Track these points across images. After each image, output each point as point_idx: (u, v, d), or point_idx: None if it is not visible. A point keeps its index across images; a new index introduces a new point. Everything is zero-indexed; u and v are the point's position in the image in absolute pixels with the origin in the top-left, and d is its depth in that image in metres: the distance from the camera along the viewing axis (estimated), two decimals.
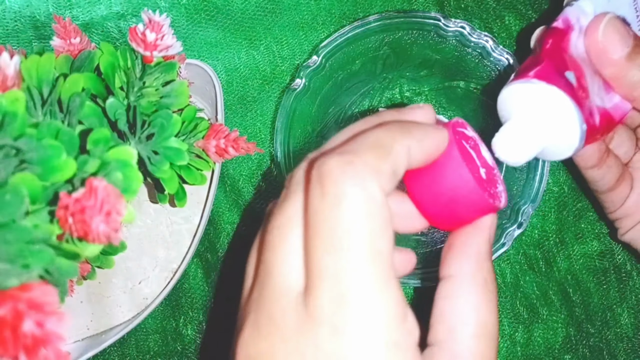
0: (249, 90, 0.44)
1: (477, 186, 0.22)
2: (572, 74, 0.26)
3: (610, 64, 0.27)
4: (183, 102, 0.32)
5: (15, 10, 0.43)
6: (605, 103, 0.28)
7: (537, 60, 0.27)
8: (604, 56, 0.27)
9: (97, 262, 0.34)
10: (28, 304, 0.20)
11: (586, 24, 0.28)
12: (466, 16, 0.44)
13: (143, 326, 0.43)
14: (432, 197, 0.23)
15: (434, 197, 0.23)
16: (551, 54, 0.27)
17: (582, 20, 0.28)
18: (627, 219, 0.34)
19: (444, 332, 0.21)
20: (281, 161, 0.39)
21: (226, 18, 0.44)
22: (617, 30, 0.27)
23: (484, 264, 0.22)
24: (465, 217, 0.23)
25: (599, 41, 0.27)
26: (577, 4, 0.28)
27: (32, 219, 0.23)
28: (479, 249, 0.22)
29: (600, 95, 0.28)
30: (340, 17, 0.44)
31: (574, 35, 0.28)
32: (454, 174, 0.22)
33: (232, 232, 0.43)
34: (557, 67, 0.26)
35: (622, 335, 0.42)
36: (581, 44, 0.28)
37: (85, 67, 0.30)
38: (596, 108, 0.27)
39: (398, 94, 0.44)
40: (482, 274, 0.22)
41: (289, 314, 0.19)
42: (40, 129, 0.24)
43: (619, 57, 0.27)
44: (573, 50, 0.27)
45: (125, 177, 0.25)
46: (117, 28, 0.43)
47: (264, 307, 0.20)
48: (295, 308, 0.19)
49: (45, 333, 0.19)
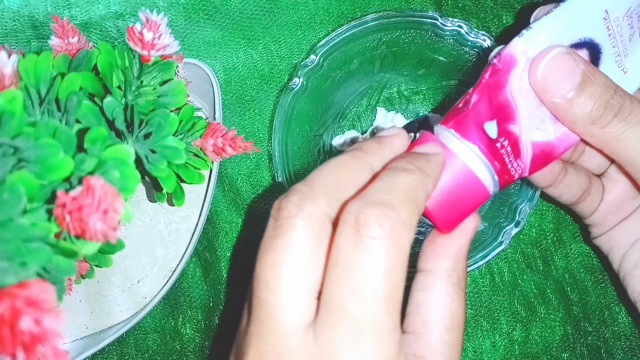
0: (247, 90, 0.44)
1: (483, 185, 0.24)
2: (494, 124, 0.25)
3: (552, 103, 0.26)
4: (181, 101, 0.32)
5: (14, 10, 0.43)
6: (550, 135, 0.27)
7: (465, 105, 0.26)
8: (545, 93, 0.26)
9: (95, 261, 0.34)
10: (25, 301, 0.20)
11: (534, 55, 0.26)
12: (464, 15, 0.44)
13: (142, 325, 0.43)
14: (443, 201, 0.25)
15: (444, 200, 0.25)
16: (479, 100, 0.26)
17: (530, 52, 0.26)
18: (596, 227, 0.35)
19: (420, 324, 0.23)
20: (279, 161, 0.39)
21: (224, 17, 0.44)
22: (562, 69, 0.25)
23: (460, 264, 0.24)
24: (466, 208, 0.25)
25: (539, 82, 0.25)
26: (528, 34, 0.26)
27: (30, 217, 0.23)
28: (459, 249, 0.25)
29: (544, 126, 0.27)
30: (338, 17, 0.44)
31: (517, 70, 0.26)
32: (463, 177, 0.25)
33: (231, 231, 0.44)
34: (478, 119, 0.25)
35: (620, 334, 0.42)
36: (526, 77, 0.26)
37: (83, 67, 0.30)
38: (531, 145, 0.27)
39: (396, 93, 0.44)
40: (458, 273, 0.24)
41: (297, 351, 0.20)
42: (38, 127, 0.24)
43: (561, 99, 0.26)
44: (515, 87, 0.26)
45: (122, 176, 0.25)
46: (116, 28, 0.43)
47: (266, 344, 0.21)
48: (304, 345, 0.20)
49: (43, 330, 0.19)
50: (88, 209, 0.22)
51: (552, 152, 0.27)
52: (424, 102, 0.44)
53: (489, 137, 0.25)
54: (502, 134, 0.26)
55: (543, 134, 0.27)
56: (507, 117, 0.26)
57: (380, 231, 0.20)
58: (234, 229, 0.44)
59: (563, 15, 0.26)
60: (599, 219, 0.34)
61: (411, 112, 0.44)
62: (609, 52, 0.28)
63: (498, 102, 0.26)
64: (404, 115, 0.44)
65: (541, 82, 0.26)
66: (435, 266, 0.24)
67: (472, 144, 0.25)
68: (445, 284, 0.24)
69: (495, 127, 0.26)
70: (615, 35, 0.27)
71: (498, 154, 0.26)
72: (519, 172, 0.27)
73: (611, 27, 0.27)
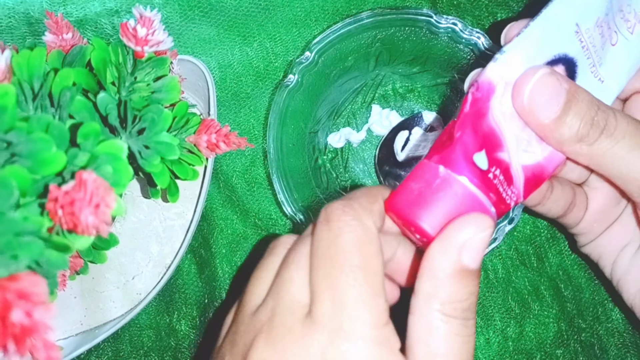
0: (243, 87, 0.44)
1: None
2: (483, 154, 0.25)
3: (539, 125, 0.26)
4: (174, 97, 0.32)
5: (9, 7, 0.43)
6: (538, 155, 0.27)
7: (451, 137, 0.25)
8: (530, 117, 0.25)
9: (89, 257, 0.35)
10: (16, 294, 0.20)
11: (513, 79, 0.25)
12: (459, 13, 0.44)
13: (137, 321, 0.43)
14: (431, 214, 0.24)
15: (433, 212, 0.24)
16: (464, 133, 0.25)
17: (507, 76, 0.25)
18: (583, 236, 0.34)
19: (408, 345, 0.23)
20: (274, 157, 0.39)
21: (220, 14, 0.44)
22: (547, 90, 0.25)
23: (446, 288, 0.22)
24: None
25: (525, 106, 0.25)
26: (502, 58, 0.25)
27: (22, 211, 0.23)
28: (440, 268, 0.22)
29: (531, 148, 0.26)
30: (334, 14, 0.44)
31: (497, 96, 0.25)
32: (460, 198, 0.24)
33: (226, 227, 0.44)
34: (466, 151, 0.25)
35: (614, 330, 0.42)
36: (507, 101, 0.26)
37: (77, 62, 0.30)
38: (522, 169, 0.26)
39: (391, 90, 0.44)
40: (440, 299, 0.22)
41: (297, 324, 0.22)
42: (31, 122, 0.25)
43: (548, 121, 0.25)
44: (497, 113, 0.25)
45: (115, 171, 0.25)
46: (111, 24, 0.43)
47: (279, 320, 0.23)
48: (303, 319, 0.22)
49: (34, 323, 0.20)
50: (80, 203, 0.22)
51: (542, 173, 0.27)
52: (419, 100, 0.44)
53: (480, 169, 0.25)
54: (492, 163, 0.25)
55: (531, 156, 0.26)
56: (495, 145, 0.25)
57: (344, 216, 0.23)
58: (229, 226, 0.44)
59: (534, 34, 0.26)
60: (585, 227, 0.34)
61: (406, 109, 0.44)
62: (584, 64, 0.27)
63: (483, 132, 0.25)
64: (399, 112, 0.44)
65: (527, 106, 0.25)
66: (416, 286, 0.22)
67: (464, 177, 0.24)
68: (423, 308, 0.22)
69: (485, 157, 0.25)
70: (588, 47, 0.27)
71: (492, 185, 0.25)
72: (514, 199, 0.26)
73: (583, 39, 0.27)
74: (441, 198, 0.24)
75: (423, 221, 0.24)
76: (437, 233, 0.23)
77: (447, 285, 0.22)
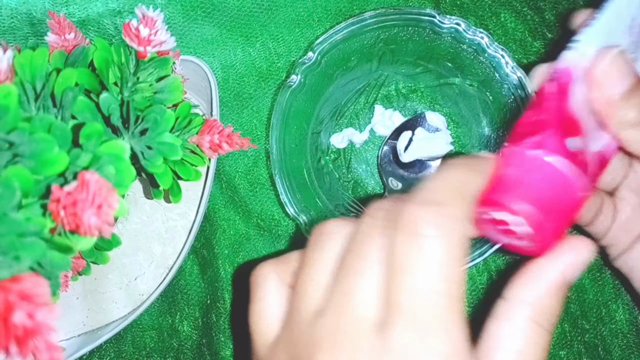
0: (245, 87, 0.44)
1: None
2: (574, 140, 0.26)
3: (604, 98, 0.27)
4: (177, 97, 0.32)
5: (12, 7, 0.43)
6: (602, 142, 0.28)
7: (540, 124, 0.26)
8: (599, 90, 0.27)
9: (91, 258, 0.34)
10: (19, 295, 0.20)
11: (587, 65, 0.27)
12: (462, 13, 0.44)
13: (139, 322, 0.43)
14: None
15: None
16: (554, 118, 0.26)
17: (582, 63, 0.27)
18: (612, 248, 0.34)
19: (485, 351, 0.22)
20: (276, 158, 0.39)
21: (222, 15, 0.44)
22: (619, 67, 0.26)
23: (544, 300, 0.22)
24: None
25: (599, 74, 0.26)
26: (578, 46, 0.27)
27: (25, 212, 0.23)
28: (544, 278, 0.22)
29: (598, 135, 0.28)
30: (336, 14, 0.44)
31: (576, 82, 0.27)
32: None
33: (228, 228, 0.44)
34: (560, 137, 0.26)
35: (617, 332, 0.42)
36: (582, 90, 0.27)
37: (79, 63, 0.30)
38: (592, 156, 0.27)
39: (394, 90, 0.44)
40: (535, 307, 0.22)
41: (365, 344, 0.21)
42: (33, 123, 0.24)
43: (614, 94, 0.27)
44: (576, 99, 0.27)
45: (117, 171, 0.25)
46: (114, 25, 0.43)
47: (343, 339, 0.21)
48: (373, 340, 0.21)
49: (36, 324, 0.19)
50: (82, 203, 0.22)
51: (604, 160, 0.28)
52: (422, 100, 0.44)
53: (573, 153, 0.25)
54: (578, 148, 0.26)
55: (598, 143, 0.27)
56: (576, 130, 0.26)
57: (432, 229, 0.20)
58: (232, 227, 0.44)
59: (603, 25, 0.27)
60: (614, 239, 0.33)
61: (409, 109, 0.44)
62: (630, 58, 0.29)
63: (567, 118, 0.26)
64: (402, 113, 0.44)
65: (600, 76, 0.26)
66: (510, 294, 0.22)
67: (566, 160, 0.25)
68: (514, 314, 0.22)
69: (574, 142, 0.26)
70: (636, 41, 0.29)
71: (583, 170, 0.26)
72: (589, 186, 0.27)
73: (632, 33, 0.28)
74: (545, 183, 0.24)
75: (537, 208, 0.24)
76: (548, 220, 0.23)
77: (547, 297, 0.22)
